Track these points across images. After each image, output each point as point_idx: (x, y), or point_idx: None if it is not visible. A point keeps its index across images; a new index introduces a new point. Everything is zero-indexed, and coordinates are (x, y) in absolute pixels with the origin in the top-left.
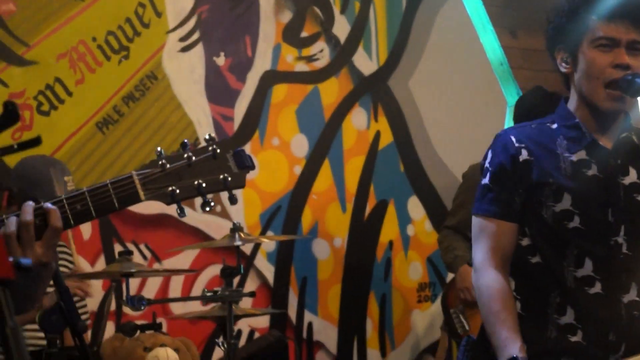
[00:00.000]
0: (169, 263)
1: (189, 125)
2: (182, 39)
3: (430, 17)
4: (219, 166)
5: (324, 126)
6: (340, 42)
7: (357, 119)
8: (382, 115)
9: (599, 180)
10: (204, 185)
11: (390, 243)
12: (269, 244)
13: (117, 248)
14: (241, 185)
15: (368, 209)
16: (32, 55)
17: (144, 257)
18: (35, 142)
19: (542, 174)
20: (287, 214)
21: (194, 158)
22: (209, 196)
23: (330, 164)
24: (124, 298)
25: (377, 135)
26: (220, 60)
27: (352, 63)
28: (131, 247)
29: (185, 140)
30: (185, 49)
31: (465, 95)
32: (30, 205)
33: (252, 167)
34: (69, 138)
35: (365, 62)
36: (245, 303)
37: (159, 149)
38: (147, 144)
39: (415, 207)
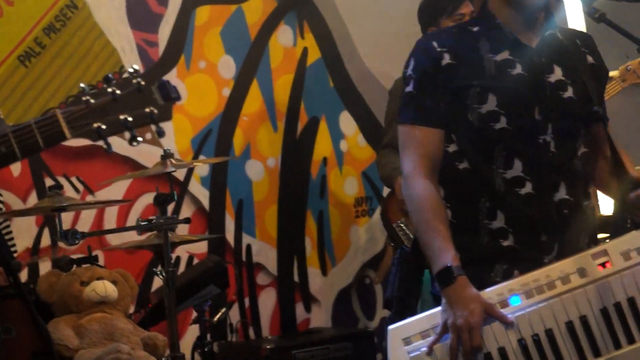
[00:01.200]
0: (101, 194)
1: (113, 53)
2: None
3: None
4: (144, 99)
5: (250, 46)
6: None
7: (283, 36)
8: (308, 32)
9: (524, 79)
10: (130, 119)
11: (324, 160)
12: (202, 168)
13: (48, 183)
14: (168, 117)
15: (300, 126)
16: None
17: (77, 190)
18: None
19: (466, 77)
20: (218, 137)
21: (118, 92)
22: (137, 130)
23: (259, 83)
24: (58, 233)
25: (305, 51)
26: None
27: None
28: (62, 181)
29: (109, 75)
30: None
31: (391, 7)
32: None
33: (178, 99)
34: None
35: None
36: (182, 230)
37: (82, 84)
38: (71, 74)
39: (347, 122)
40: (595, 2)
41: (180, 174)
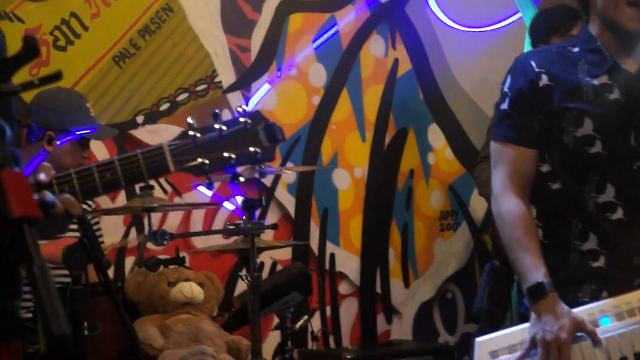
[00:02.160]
0: (189, 197)
1: (206, 57)
2: None
3: None
4: (249, 139)
5: (342, 55)
6: None
7: (375, 46)
8: (400, 43)
9: (622, 104)
10: (234, 158)
11: (411, 171)
12: (289, 175)
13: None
14: (271, 158)
15: (388, 137)
16: None
17: (165, 191)
18: (56, 76)
19: (563, 99)
20: (306, 144)
21: (225, 130)
22: (239, 169)
23: (349, 93)
24: (146, 233)
25: (396, 62)
26: None
27: None
28: (151, 182)
29: (217, 111)
30: None
31: (484, 20)
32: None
33: (283, 140)
34: (86, 73)
35: None
36: (267, 235)
37: (190, 119)
38: (164, 76)
39: (435, 135)
40: None
41: (267, 180)
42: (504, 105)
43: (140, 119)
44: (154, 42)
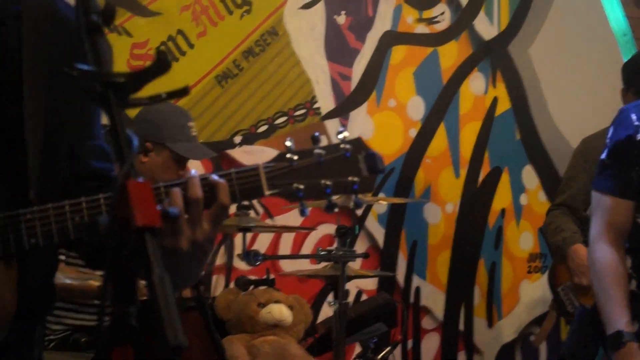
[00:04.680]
0: (280, 219)
1: (306, 82)
2: None
3: None
4: (349, 167)
5: (441, 89)
6: (461, 6)
7: (475, 83)
8: (500, 82)
9: None
10: (331, 186)
11: (503, 211)
12: (380, 205)
13: None
14: (369, 189)
15: (482, 175)
16: (156, 6)
17: (256, 212)
18: (184, 91)
19: None
20: (400, 176)
21: (324, 157)
22: (334, 198)
23: (446, 128)
24: (240, 252)
25: (495, 101)
26: (341, 19)
27: (472, 27)
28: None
29: (316, 134)
30: (306, 6)
31: (586, 65)
32: (196, 177)
33: (383, 171)
34: (190, 87)
35: (486, 27)
36: (355, 264)
37: (288, 142)
38: (264, 99)
39: (529, 176)
40: None
41: (358, 209)
42: (603, 156)
43: (237, 139)
44: (256, 64)
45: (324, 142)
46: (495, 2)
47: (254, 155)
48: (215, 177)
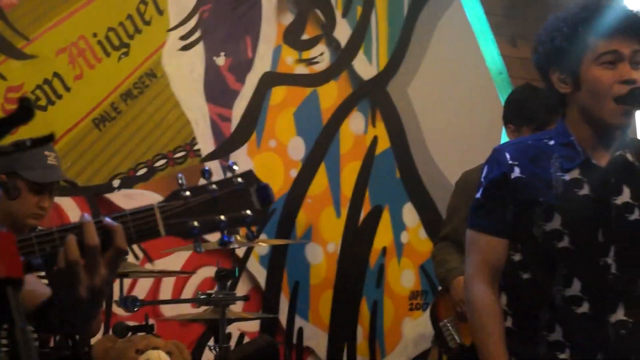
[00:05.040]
0: (160, 263)
1: (186, 124)
2: (182, 38)
3: (432, 23)
4: (241, 201)
5: (322, 130)
6: (340, 46)
7: (355, 123)
8: (380, 121)
9: (591, 200)
10: (226, 221)
11: (384, 249)
12: (261, 247)
13: None
14: (260, 222)
15: (363, 214)
16: (31, 49)
17: (136, 257)
18: (49, 138)
19: (533, 193)
20: (281, 216)
21: (218, 192)
22: (228, 232)
23: (327, 167)
24: (117, 298)
25: (375, 140)
26: (220, 60)
27: (352, 67)
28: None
29: (207, 168)
30: (185, 48)
31: (464, 103)
32: (90, 222)
33: (272, 202)
34: (66, 133)
35: (365, 67)
36: (237, 306)
37: (180, 176)
38: (143, 142)
39: (410, 214)
40: None
41: (239, 250)
42: (478, 195)
43: (116, 182)
44: (135, 106)
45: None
46: (374, 42)
47: (134, 199)
48: (109, 220)
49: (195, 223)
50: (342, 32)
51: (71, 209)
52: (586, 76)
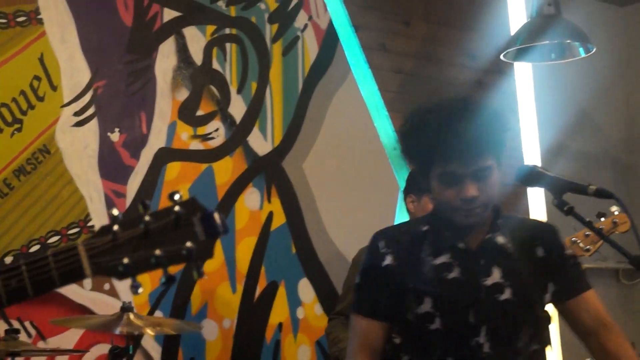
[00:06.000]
0: (54, 341)
1: (80, 200)
2: (76, 114)
3: (326, 99)
4: (183, 233)
5: (217, 205)
6: (235, 122)
7: (251, 199)
8: (275, 196)
9: (460, 282)
10: (164, 257)
11: (280, 325)
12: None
13: (2, 326)
14: (208, 255)
15: (258, 290)
16: None
17: (28, 334)
18: None
19: (404, 280)
20: (176, 293)
21: (153, 224)
22: (170, 269)
23: (222, 243)
24: None
25: (270, 216)
26: (115, 136)
27: (247, 143)
28: (16, 324)
29: (146, 202)
30: (79, 124)
31: (359, 178)
32: None
33: (225, 232)
34: None
35: (261, 143)
36: None
37: (115, 211)
38: (37, 218)
39: (305, 290)
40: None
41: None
42: (357, 280)
43: (8, 259)
44: (28, 183)
45: None
46: (269, 118)
47: None
48: None
49: (126, 260)
50: (237, 108)
51: None
52: (433, 187)
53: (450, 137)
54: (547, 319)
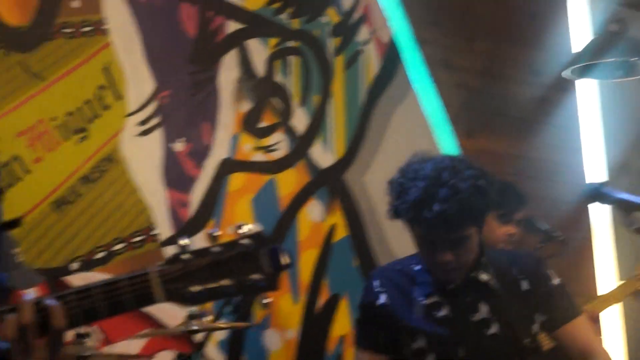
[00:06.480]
0: (119, 346)
1: (144, 209)
2: (141, 123)
3: (388, 113)
4: (250, 265)
5: (280, 217)
6: (298, 134)
7: (313, 211)
8: (337, 209)
9: (450, 319)
10: (232, 287)
11: (342, 338)
12: (220, 332)
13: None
14: (274, 288)
15: (321, 302)
16: None
17: (95, 339)
18: (16, 223)
19: (397, 318)
20: (239, 303)
21: (222, 254)
22: (235, 300)
23: None
24: None
25: (332, 228)
26: (179, 146)
27: (309, 155)
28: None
29: (212, 231)
30: (144, 133)
31: None
32: (28, 301)
33: (290, 266)
34: (24, 216)
35: (323, 155)
36: None
37: (184, 240)
38: (101, 226)
39: None
40: None
41: (198, 335)
42: (358, 315)
43: (75, 265)
44: (93, 191)
45: None
46: (331, 131)
47: None
48: (49, 300)
49: (196, 289)
50: (300, 120)
51: (31, 291)
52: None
53: (430, 210)
54: (535, 348)
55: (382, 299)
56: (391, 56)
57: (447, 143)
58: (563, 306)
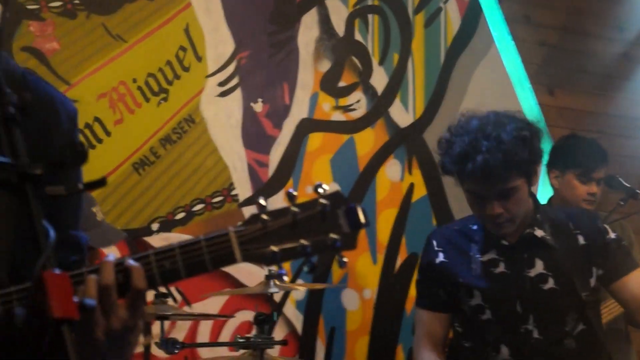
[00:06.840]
0: (198, 307)
1: (224, 169)
2: (220, 84)
3: (468, 71)
4: (328, 224)
5: (358, 176)
6: (377, 93)
7: (392, 170)
8: (416, 168)
9: (506, 276)
10: (310, 247)
11: None
12: (298, 292)
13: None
14: (352, 247)
15: (399, 261)
16: (72, 93)
17: (174, 299)
18: (101, 182)
19: (455, 275)
20: (317, 262)
21: (300, 215)
22: (313, 260)
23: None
24: (158, 340)
25: (411, 187)
26: (258, 107)
27: (388, 114)
28: (163, 288)
29: (291, 190)
30: (223, 94)
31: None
32: (109, 262)
33: (367, 225)
34: (106, 177)
35: (402, 114)
36: (274, 351)
37: (262, 200)
38: (182, 186)
39: None
40: None
41: (277, 295)
42: (418, 276)
43: (155, 226)
44: (174, 151)
45: None
46: (411, 90)
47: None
48: (130, 261)
49: (275, 248)
50: (379, 79)
51: (111, 251)
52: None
53: (474, 162)
54: (593, 301)
55: (440, 257)
56: (471, 14)
57: (527, 101)
58: (620, 259)
